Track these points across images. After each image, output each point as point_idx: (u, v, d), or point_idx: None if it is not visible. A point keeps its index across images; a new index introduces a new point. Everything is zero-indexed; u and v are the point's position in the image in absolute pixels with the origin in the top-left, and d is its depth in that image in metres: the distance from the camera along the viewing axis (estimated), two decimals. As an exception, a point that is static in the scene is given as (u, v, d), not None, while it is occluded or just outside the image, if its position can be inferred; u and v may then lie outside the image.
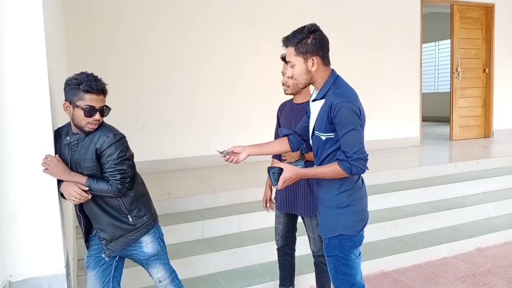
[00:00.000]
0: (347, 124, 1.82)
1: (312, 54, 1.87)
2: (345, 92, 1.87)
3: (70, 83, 1.91)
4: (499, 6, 7.15)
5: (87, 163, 1.95)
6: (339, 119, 1.82)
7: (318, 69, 1.90)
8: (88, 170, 1.95)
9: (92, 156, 1.94)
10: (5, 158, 1.80)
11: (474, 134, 7.30)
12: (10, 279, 1.84)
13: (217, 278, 3.13)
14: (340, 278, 2.02)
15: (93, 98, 1.91)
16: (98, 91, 1.92)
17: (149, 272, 2.23)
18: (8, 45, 1.78)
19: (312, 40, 1.86)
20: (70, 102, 1.91)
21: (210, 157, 5.30)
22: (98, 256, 2.14)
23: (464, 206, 4.25)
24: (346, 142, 1.83)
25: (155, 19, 5.04)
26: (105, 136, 1.96)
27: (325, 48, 1.90)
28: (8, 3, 1.76)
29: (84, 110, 1.89)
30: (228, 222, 3.59)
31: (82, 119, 1.91)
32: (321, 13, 5.81)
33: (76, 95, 1.89)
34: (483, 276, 3.31)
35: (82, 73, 1.94)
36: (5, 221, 1.82)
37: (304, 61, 1.88)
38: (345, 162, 1.83)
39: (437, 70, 11.32)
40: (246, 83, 5.50)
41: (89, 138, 1.97)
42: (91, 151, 1.94)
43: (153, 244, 2.16)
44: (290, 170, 1.88)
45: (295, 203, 2.52)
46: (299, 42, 1.87)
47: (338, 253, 2.00)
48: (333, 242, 2.00)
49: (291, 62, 1.92)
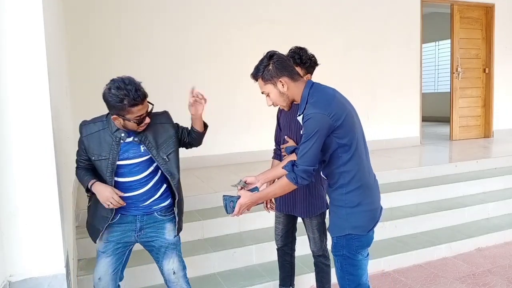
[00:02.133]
0: (306, 135, 1.89)
1: (277, 77, 1.97)
2: (318, 103, 1.90)
3: (111, 100, 1.92)
4: (499, 6, 7.15)
5: (173, 138, 2.17)
6: (304, 130, 1.91)
7: (289, 87, 1.98)
8: (174, 145, 2.18)
9: (173, 131, 2.20)
10: (5, 158, 1.80)
11: (474, 134, 7.30)
12: (10, 279, 1.84)
13: (217, 278, 3.13)
14: (346, 278, 2.03)
15: (140, 108, 1.97)
16: (142, 100, 1.96)
17: (162, 264, 2.22)
18: (8, 45, 1.77)
19: (272, 66, 1.97)
20: (118, 115, 1.95)
21: (210, 157, 5.31)
22: (118, 242, 2.16)
23: (464, 206, 4.25)
24: (300, 151, 1.91)
25: (155, 19, 5.03)
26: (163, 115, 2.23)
27: (288, 67, 1.99)
28: (8, 3, 1.76)
29: (136, 122, 1.98)
30: (228, 222, 3.59)
31: (135, 127, 2.01)
32: (321, 13, 5.82)
33: (123, 110, 1.93)
34: (483, 276, 3.31)
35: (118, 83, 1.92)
36: (5, 221, 1.82)
37: (274, 86, 1.99)
38: (291, 173, 1.94)
39: (437, 70, 11.32)
40: (246, 83, 5.44)
41: (150, 125, 2.09)
42: (168, 128, 2.18)
43: (174, 233, 2.22)
44: (245, 196, 2.02)
45: (294, 204, 2.53)
46: (263, 72, 1.99)
47: (346, 253, 2.01)
48: (341, 241, 2.01)
49: (265, 91, 2.03)
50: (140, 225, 2.17)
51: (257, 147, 5.33)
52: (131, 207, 2.15)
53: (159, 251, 2.21)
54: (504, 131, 7.34)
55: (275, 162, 2.70)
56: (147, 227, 2.18)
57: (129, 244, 2.21)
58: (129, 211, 2.15)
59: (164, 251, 2.21)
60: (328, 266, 2.64)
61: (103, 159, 2.03)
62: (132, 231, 2.17)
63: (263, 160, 4.52)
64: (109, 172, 2.05)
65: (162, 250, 2.21)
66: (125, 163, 2.07)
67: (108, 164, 2.04)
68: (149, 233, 2.18)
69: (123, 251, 2.19)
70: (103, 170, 2.05)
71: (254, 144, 5.39)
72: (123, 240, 2.17)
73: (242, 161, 5.41)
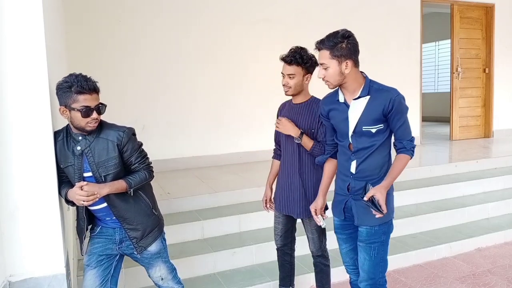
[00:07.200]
0: (404, 115, 2.03)
1: (346, 57, 1.99)
2: (389, 87, 2.06)
3: (61, 87, 1.90)
4: (499, 6, 7.15)
5: (113, 161, 2.00)
6: (397, 110, 2.00)
7: (350, 71, 2.01)
8: (115, 168, 2.01)
9: (116, 153, 2.00)
10: (5, 158, 1.80)
11: (474, 134, 7.30)
12: (10, 279, 1.84)
13: (217, 278, 3.13)
14: (380, 265, 2.14)
15: (87, 98, 1.91)
16: (90, 90, 1.92)
17: (150, 272, 2.23)
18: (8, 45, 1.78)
19: (347, 45, 1.98)
20: (66, 106, 1.91)
21: (210, 157, 5.32)
22: (101, 254, 2.13)
23: (464, 206, 4.25)
24: (405, 130, 2.05)
25: (155, 19, 5.03)
26: (119, 132, 2.02)
27: (357, 53, 2.04)
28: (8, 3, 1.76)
29: (80, 112, 1.90)
30: (228, 222, 3.59)
31: (81, 120, 1.92)
32: (321, 13, 5.82)
33: (69, 98, 1.89)
34: (483, 276, 3.31)
35: (71, 75, 1.93)
36: (5, 221, 1.82)
37: (339, 64, 1.99)
38: (406, 150, 2.05)
39: (437, 70, 11.32)
40: (246, 83, 5.50)
41: (101, 139, 2.00)
42: (112, 149, 2.00)
43: (157, 243, 2.18)
44: (379, 191, 1.99)
45: (292, 205, 2.53)
46: (334, 46, 1.98)
47: (385, 239, 2.12)
48: (383, 228, 2.12)
49: (325, 64, 2.01)
50: (119, 238, 2.13)
51: (257, 147, 5.34)
52: (106, 218, 2.11)
53: (143, 262, 2.21)
54: (504, 131, 7.34)
55: (275, 162, 2.70)
56: (127, 240, 2.14)
57: (113, 256, 2.17)
58: (107, 223, 2.12)
59: (148, 262, 2.20)
60: (327, 266, 2.64)
61: (69, 165, 1.99)
62: (113, 244, 2.14)
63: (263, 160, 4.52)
64: (77, 177, 1.99)
65: (146, 261, 2.20)
66: (86, 175, 2.02)
67: (74, 169, 1.99)
68: (130, 245, 2.14)
69: (108, 262, 2.16)
70: (72, 176, 2.00)
71: (254, 144, 5.40)
72: (105, 252, 2.14)
73: (241, 161, 5.41)
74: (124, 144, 2.01)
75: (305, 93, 2.49)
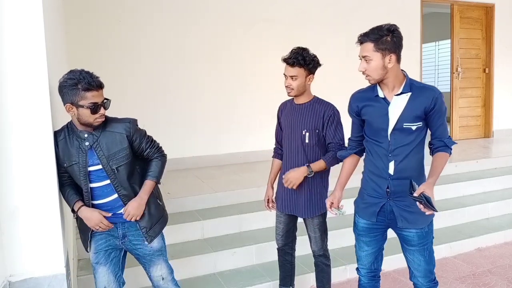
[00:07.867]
0: (444, 114, 2.03)
1: (390, 51, 1.96)
2: (431, 85, 2.07)
3: (66, 85, 1.90)
4: (499, 6, 7.14)
5: (124, 152, 2.04)
6: (439, 109, 1.99)
7: (393, 66, 1.98)
8: (126, 158, 2.05)
9: (126, 144, 2.05)
10: (5, 158, 1.80)
11: (474, 134, 7.29)
12: (10, 279, 1.84)
13: (217, 278, 3.13)
14: (433, 259, 2.17)
15: (95, 95, 1.92)
16: (97, 86, 1.94)
17: (150, 271, 2.22)
18: (8, 45, 1.77)
19: (392, 38, 1.96)
20: (72, 103, 1.91)
21: (210, 157, 5.31)
22: (107, 250, 2.14)
23: (464, 206, 4.26)
24: (444, 129, 2.05)
25: (155, 19, 5.03)
26: (125, 123, 2.07)
27: (401, 48, 2.01)
28: (8, 3, 1.76)
29: (90, 109, 1.92)
30: (228, 222, 3.59)
31: (89, 117, 1.94)
32: (321, 13, 5.82)
33: (76, 95, 1.89)
34: (483, 276, 3.31)
35: (74, 72, 1.93)
36: (5, 221, 1.82)
37: (382, 57, 1.96)
38: (447, 148, 2.05)
39: (437, 70, 11.31)
40: (246, 83, 5.49)
41: (108, 133, 2.03)
42: (121, 140, 2.04)
43: (158, 239, 2.20)
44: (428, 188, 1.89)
45: (296, 204, 2.52)
46: (379, 39, 1.95)
47: (433, 236, 2.15)
48: (431, 227, 2.13)
49: (368, 57, 1.97)
50: (122, 232, 2.14)
51: (257, 147, 5.34)
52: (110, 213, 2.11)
53: (144, 259, 2.20)
54: (504, 131, 7.33)
55: (275, 161, 2.70)
56: (130, 235, 2.14)
57: (119, 250, 2.18)
58: (109, 218, 2.11)
59: (150, 259, 2.20)
60: (328, 266, 2.64)
61: (74, 164, 1.99)
62: (116, 238, 2.14)
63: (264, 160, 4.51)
64: (82, 175, 2.00)
65: (148, 258, 2.20)
66: (93, 169, 2.03)
67: (79, 167, 1.99)
68: (133, 241, 2.15)
69: (119, 256, 2.18)
70: (77, 175, 2.01)
71: (254, 144, 5.39)
72: (111, 246, 2.15)
73: (242, 161, 5.41)
74: (133, 134, 2.07)
75: (307, 94, 2.49)
